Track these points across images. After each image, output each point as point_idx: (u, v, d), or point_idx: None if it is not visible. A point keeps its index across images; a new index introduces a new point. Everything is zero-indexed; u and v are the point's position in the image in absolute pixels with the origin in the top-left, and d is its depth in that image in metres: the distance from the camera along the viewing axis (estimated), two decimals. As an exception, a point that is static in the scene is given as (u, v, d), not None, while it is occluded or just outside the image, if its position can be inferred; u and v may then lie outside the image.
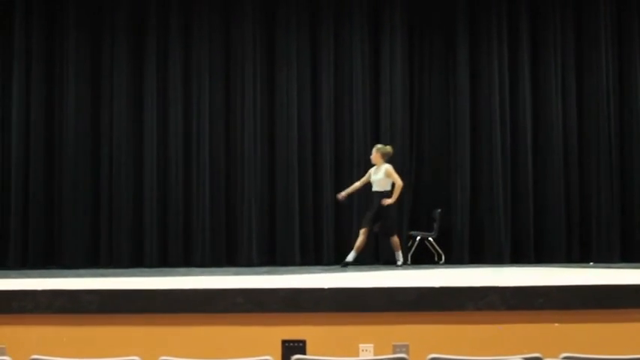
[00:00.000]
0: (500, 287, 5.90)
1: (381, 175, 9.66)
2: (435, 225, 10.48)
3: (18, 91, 10.36)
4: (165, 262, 10.31)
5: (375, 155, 9.74)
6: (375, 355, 5.51)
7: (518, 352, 4.23)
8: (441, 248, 10.43)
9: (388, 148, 9.81)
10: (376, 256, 10.42)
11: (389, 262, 10.02)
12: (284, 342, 5.59)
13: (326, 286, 6.01)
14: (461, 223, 10.48)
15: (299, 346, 5.52)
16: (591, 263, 10.12)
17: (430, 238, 10.46)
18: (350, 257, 9.50)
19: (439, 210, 10.52)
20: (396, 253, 9.71)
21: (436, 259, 10.46)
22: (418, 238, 10.43)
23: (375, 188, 9.69)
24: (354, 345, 5.64)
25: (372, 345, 5.64)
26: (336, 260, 10.18)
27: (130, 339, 5.64)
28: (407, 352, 5.34)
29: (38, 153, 10.37)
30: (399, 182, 9.62)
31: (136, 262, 10.24)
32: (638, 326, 5.76)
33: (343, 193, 9.90)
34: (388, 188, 9.65)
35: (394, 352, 5.38)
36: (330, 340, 5.67)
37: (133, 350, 4.55)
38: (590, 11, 10.71)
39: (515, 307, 5.76)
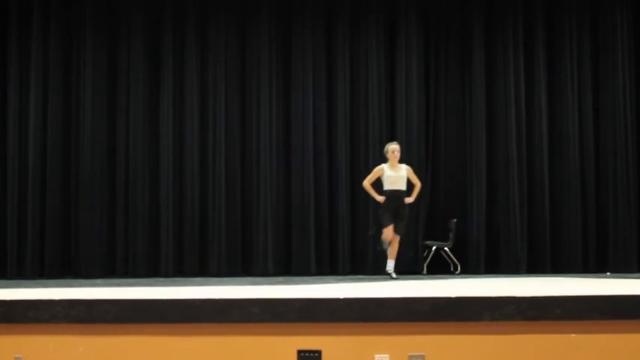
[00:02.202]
0: (516, 297, 5.85)
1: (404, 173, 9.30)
2: (451, 235, 10.46)
3: (35, 100, 10.44)
4: (181, 271, 10.34)
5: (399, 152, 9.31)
6: (390, 365, 5.49)
7: (535, 363, 4.20)
8: (456, 258, 10.41)
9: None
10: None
11: (405, 272, 10.02)
12: (299, 352, 5.57)
13: (341, 296, 5.99)
14: (477, 233, 10.46)
15: (315, 356, 5.51)
16: (608, 273, 10.07)
17: (446, 248, 10.44)
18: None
19: (455, 220, 10.50)
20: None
21: (452, 269, 10.44)
22: (434, 248, 10.41)
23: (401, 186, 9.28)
24: (369, 355, 5.62)
25: (387, 355, 5.61)
26: (351, 270, 10.18)
27: (146, 349, 5.65)
28: (423, 363, 5.32)
29: (55, 163, 10.44)
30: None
31: (152, 271, 10.28)
32: (656, 337, 5.71)
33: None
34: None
35: (410, 363, 5.35)
36: (346, 350, 5.65)
37: (149, 360, 4.55)
38: (606, 18, 10.70)
39: (532, 317, 5.72)
